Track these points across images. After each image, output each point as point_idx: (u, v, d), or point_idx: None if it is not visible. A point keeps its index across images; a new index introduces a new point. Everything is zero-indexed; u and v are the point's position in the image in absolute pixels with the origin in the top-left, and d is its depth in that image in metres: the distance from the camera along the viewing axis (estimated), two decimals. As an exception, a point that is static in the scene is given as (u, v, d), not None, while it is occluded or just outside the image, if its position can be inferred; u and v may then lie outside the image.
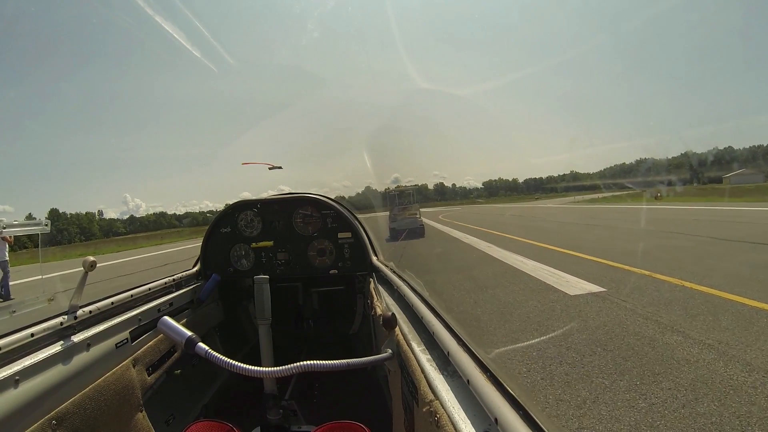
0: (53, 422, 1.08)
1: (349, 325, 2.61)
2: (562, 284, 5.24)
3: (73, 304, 1.29)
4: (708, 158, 72.66)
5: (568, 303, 4.45)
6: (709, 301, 4.07)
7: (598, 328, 3.58)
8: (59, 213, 76.59)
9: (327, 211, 2.23)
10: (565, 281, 5.39)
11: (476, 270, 6.92)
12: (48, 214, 75.09)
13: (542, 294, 4.92)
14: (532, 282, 5.58)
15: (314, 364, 0.98)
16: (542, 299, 4.68)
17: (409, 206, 15.39)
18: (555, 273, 5.93)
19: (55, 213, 75.83)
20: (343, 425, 1.26)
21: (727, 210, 14.79)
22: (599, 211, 21.06)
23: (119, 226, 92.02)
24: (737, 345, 2.99)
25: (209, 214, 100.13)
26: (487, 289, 5.37)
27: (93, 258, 1.24)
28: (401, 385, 1.10)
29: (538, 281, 5.58)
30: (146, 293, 1.72)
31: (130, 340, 1.48)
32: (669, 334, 3.30)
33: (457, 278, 6.28)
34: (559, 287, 5.10)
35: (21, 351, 1.11)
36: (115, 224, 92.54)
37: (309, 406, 2.01)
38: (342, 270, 2.21)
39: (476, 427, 0.68)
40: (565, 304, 4.41)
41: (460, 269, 7.10)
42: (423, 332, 1.11)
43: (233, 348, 2.46)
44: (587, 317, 3.91)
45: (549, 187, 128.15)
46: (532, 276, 5.92)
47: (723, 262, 5.82)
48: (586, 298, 4.54)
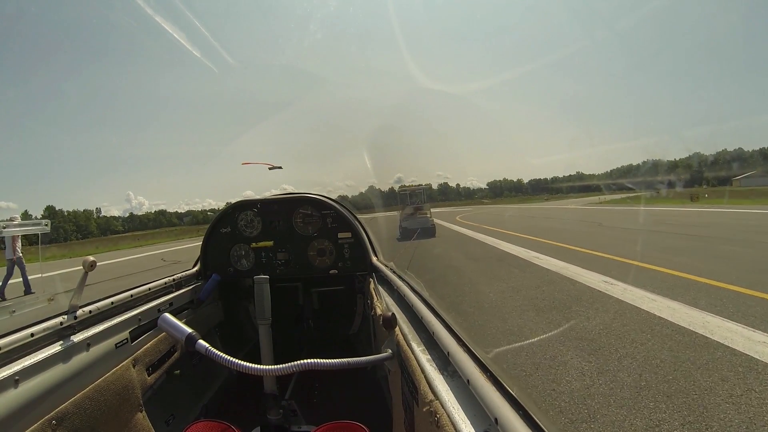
0: (53, 422, 1.08)
1: (349, 325, 2.61)
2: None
3: (73, 304, 1.29)
4: (720, 159, 71.72)
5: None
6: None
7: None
8: (55, 210, 76.56)
9: (327, 211, 2.23)
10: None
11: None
12: (44, 211, 75.41)
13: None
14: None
15: (314, 362, 0.97)
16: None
17: (421, 206, 15.36)
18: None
19: (51, 210, 75.68)
20: (343, 425, 1.25)
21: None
22: (649, 215, 16.47)
23: (117, 224, 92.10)
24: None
25: (210, 213, 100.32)
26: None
27: (93, 258, 1.24)
28: (401, 385, 1.09)
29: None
30: (146, 293, 1.72)
31: (130, 340, 1.48)
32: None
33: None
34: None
35: (21, 351, 1.11)
36: (113, 222, 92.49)
37: (309, 406, 2.00)
38: (342, 270, 2.21)
39: (476, 427, 0.68)
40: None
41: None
42: (423, 332, 1.11)
43: (233, 348, 2.46)
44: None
45: (554, 187, 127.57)
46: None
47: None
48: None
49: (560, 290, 5.05)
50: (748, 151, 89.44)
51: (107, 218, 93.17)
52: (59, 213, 76.67)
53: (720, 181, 57.27)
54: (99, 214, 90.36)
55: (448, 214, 31.66)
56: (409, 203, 16.13)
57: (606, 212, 21.00)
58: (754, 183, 48.26)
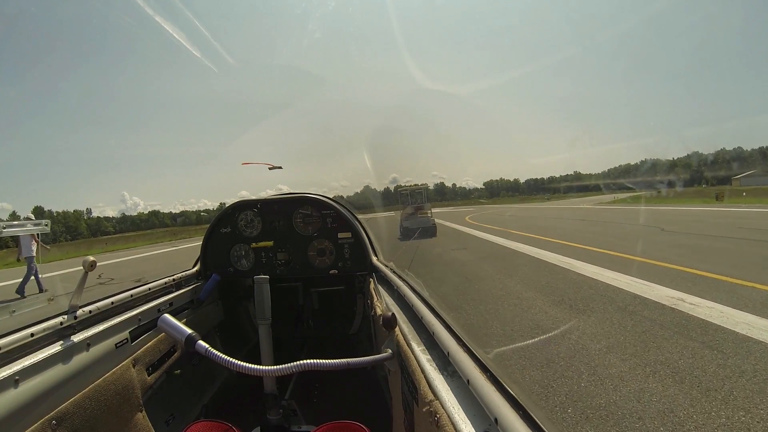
0: (53, 422, 1.08)
1: (349, 325, 2.61)
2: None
3: (73, 303, 1.29)
4: (719, 159, 71.62)
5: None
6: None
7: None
8: (43, 211, 76.22)
9: (327, 211, 2.23)
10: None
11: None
12: (32, 212, 75.13)
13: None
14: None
15: (314, 363, 0.97)
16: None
17: (422, 206, 15.40)
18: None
19: (39, 211, 75.63)
20: (343, 425, 1.25)
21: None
22: (706, 217, 13.89)
23: (108, 225, 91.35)
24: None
25: (204, 213, 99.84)
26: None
27: (93, 258, 1.24)
28: (401, 385, 1.10)
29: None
30: (146, 293, 1.72)
31: (130, 340, 1.48)
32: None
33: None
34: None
35: (21, 351, 1.11)
36: (103, 223, 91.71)
37: (309, 406, 2.00)
38: (342, 270, 2.21)
39: (476, 427, 0.68)
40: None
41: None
42: (423, 332, 1.11)
43: (233, 348, 2.46)
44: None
45: (551, 187, 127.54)
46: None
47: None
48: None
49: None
50: (747, 150, 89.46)
51: (98, 219, 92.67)
52: (47, 214, 76.12)
53: (720, 181, 57.31)
54: (89, 214, 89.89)
55: (451, 215, 29.44)
56: (410, 203, 16.20)
57: (647, 213, 17.39)
58: (755, 182, 48.27)
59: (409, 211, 14.96)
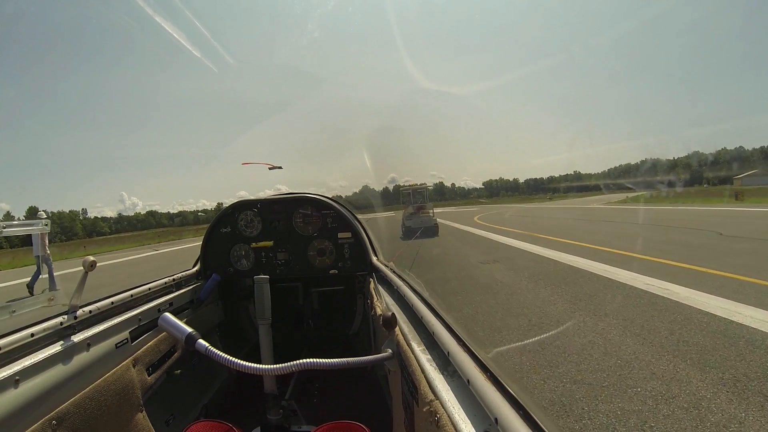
0: (53, 422, 1.08)
1: (349, 325, 2.61)
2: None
3: (73, 304, 1.29)
4: (720, 158, 71.46)
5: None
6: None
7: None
8: (37, 210, 76.22)
9: (327, 211, 2.23)
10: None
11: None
12: (26, 213, 74.72)
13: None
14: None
15: (314, 362, 0.97)
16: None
17: (424, 205, 15.44)
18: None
19: (33, 211, 74.77)
20: (343, 425, 1.25)
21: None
22: (716, 216, 13.25)
23: (104, 226, 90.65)
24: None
25: (201, 214, 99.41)
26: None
27: (93, 258, 1.24)
28: (401, 385, 1.09)
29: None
30: (146, 293, 1.72)
31: (130, 340, 1.48)
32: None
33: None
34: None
35: (21, 351, 1.11)
36: (99, 223, 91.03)
37: (309, 406, 2.00)
38: (342, 270, 2.21)
39: (476, 427, 0.68)
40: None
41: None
42: (423, 332, 1.11)
43: (233, 347, 2.46)
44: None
45: (551, 187, 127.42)
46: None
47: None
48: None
49: None
50: (748, 150, 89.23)
51: (94, 219, 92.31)
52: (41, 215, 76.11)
53: (721, 180, 57.23)
54: (85, 215, 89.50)
55: (456, 215, 27.39)
56: (411, 202, 16.20)
57: (681, 215, 15.31)
58: (757, 182, 48.20)
59: (411, 210, 15.03)
